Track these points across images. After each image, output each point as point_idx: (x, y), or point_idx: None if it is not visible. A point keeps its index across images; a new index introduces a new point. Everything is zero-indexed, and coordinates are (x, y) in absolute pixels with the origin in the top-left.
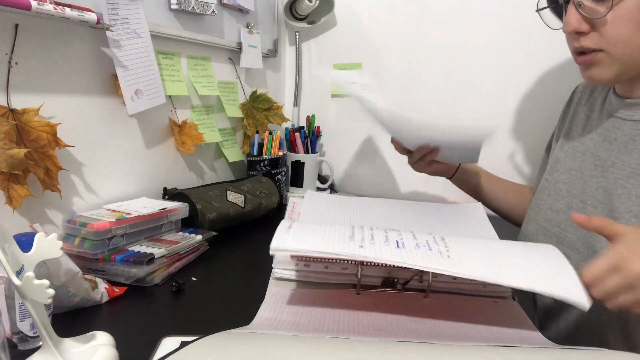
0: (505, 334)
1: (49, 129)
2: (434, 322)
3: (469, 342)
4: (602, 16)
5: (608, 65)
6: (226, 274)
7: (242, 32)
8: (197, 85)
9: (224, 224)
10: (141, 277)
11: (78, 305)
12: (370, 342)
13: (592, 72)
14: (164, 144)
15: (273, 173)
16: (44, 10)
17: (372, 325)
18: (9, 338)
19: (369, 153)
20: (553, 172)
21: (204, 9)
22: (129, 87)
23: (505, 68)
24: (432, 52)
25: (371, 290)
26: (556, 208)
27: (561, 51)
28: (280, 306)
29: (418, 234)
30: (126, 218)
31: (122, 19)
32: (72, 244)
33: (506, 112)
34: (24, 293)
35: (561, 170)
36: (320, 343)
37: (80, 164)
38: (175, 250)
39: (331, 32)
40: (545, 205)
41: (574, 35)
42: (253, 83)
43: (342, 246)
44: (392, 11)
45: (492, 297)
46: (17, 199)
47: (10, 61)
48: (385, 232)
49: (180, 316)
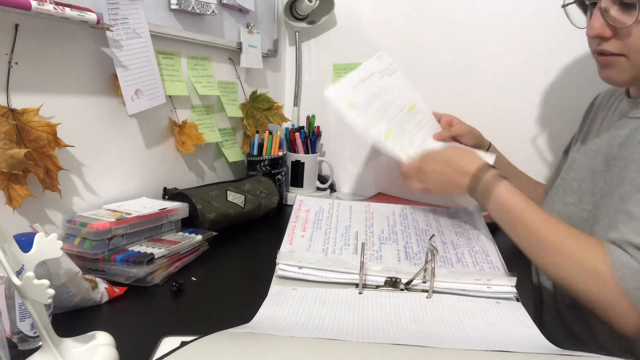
0: (508, 335)
1: (49, 129)
2: (436, 323)
3: (471, 343)
4: (627, 26)
5: (625, 69)
6: (226, 274)
7: (242, 32)
8: (197, 85)
9: (224, 224)
10: (141, 277)
11: (78, 305)
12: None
13: (609, 72)
14: (164, 144)
15: (273, 173)
16: (44, 10)
17: (373, 325)
18: (9, 338)
19: (369, 153)
20: (569, 172)
21: (204, 9)
22: (129, 87)
23: (506, 68)
24: (432, 52)
25: (374, 289)
26: (567, 202)
27: (563, 52)
28: (281, 304)
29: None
30: (126, 218)
31: (122, 19)
32: (72, 244)
33: (508, 112)
34: (24, 293)
35: (577, 169)
36: (315, 345)
37: (80, 164)
38: (175, 250)
39: (331, 32)
40: (558, 199)
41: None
42: (253, 83)
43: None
44: (392, 11)
45: (495, 298)
46: (17, 199)
47: (10, 61)
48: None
49: (180, 316)
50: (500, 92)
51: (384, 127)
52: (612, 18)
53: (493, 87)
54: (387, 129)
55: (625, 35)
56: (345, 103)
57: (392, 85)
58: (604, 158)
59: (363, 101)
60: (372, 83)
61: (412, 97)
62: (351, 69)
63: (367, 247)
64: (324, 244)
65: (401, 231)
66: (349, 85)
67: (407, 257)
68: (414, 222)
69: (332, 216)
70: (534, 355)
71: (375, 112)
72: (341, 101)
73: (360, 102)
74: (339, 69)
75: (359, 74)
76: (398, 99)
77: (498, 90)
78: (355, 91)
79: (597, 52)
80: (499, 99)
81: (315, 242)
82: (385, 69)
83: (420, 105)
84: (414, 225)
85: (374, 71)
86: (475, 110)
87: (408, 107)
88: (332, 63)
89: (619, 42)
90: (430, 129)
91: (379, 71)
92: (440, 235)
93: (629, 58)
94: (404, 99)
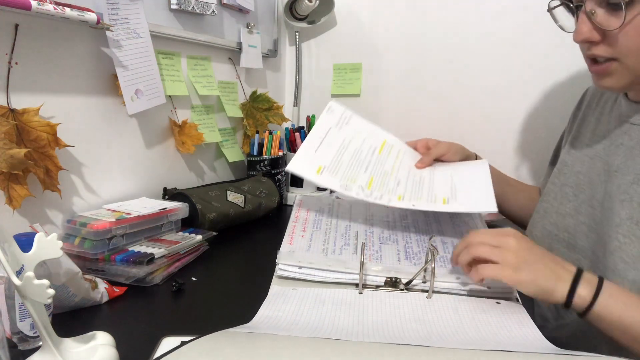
0: (508, 336)
1: (49, 129)
2: (436, 323)
3: (471, 343)
4: (615, 29)
5: (621, 74)
6: (226, 274)
7: (242, 32)
8: (197, 85)
9: (224, 224)
10: (141, 277)
11: (78, 305)
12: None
13: (606, 82)
14: (164, 144)
15: (273, 173)
16: (44, 10)
17: (373, 325)
18: (9, 338)
19: None
20: (560, 176)
21: (204, 9)
22: (129, 87)
23: (507, 68)
24: (433, 52)
25: (374, 289)
26: (563, 212)
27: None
28: (281, 304)
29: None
30: (126, 218)
31: (122, 19)
32: (72, 244)
33: (508, 111)
34: (24, 293)
35: (568, 173)
36: (315, 344)
37: (80, 164)
38: (175, 250)
39: (331, 32)
40: (551, 209)
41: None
42: (253, 83)
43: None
44: (392, 11)
45: (495, 298)
46: (17, 199)
47: (10, 61)
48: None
49: (180, 316)
50: (501, 90)
51: (364, 177)
52: (600, 20)
53: (493, 86)
54: (368, 179)
55: (614, 38)
56: (313, 170)
57: (353, 132)
58: (603, 166)
59: (331, 160)
60: (332, 139)
61: (379, 135)
62: (351, 68)
63: (367, 247)
64: (324, 244)
65: (401, 231)
66: (311, 150)
67: (407, 257)
68: (414, 222)
69: (332, 216)
70: (534, 355)
71: (347, 166)
72: (308, 170)
73: (328, 162)
74: (339, 69)
75: (316, 134)
76: (366, 144)
77: (498, 88)
78: (318, 154)
79: (588, 57)
80: (499, 97)
81: (315, 242)
82: (340, 118)
83: (390, 140)
84: (414, 225)
85: (330, 126)
86: (475, 107)
87: (379, 147)
88: (332, 63)
89: (609, 45)
90: (411, 160)
91: (335, 123)
92: (440, 235)
93: (622, 62)
94: (371, 141)
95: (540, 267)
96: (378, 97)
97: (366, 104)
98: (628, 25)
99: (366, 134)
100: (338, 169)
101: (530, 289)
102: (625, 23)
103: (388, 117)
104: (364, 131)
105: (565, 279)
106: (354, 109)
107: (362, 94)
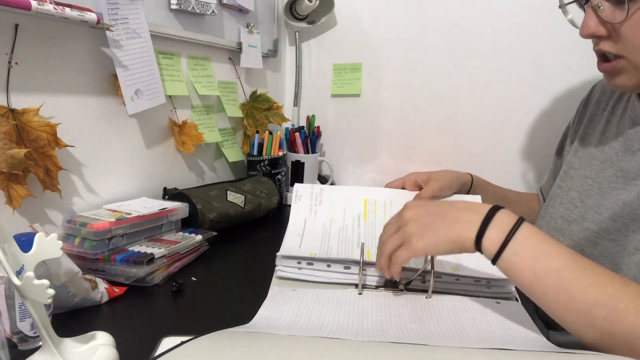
0: (507, 335)
1: (49, 129)
2: (435, 323)
3: (470, 343)
4: (618, 22)
5: (630, 72)
6: (226, 274)
7: (242, 32)
8: (197, 85)
9: (224, 224)
10: (141, 277)
11: (78, 305)
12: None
13: (617, 80)
14: (164, 144)
15: (273, 173)
16: (44, 10)
17: (373, 325)
18: (9, 338)
19: (369, 153)
20: (566, 179)
21: (204, 9)
22: (129, 87)
23: (508, 67)
24: (433, 52)
25: (373, 290)
26: (569, 218)
27: (566, 51)
28: (280, 305)
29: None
30: (126, 218)
31: (122, 19)
32: (72, 244)
33: (508, 112)
34: (24, 293)
35: (575, 177)
36: (315, 344)
37: (80, 164)
38: (175, 250)
39: (331, 32)
40: (556, 213)
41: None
42: (253, 83)
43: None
44: (392, 11)
45: (495, 297)
46: (17, 199)
47: (10, 61)
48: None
49: (180, 316)
50: (501, 90)
51: (359, 250)
52: (606, 13)
53: (493, 86)
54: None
55: (619, 33)
56: (303, 266)
57: (330, 209)
58: (615, 172)
59: (319, 249)
60: (311, 227)
61: (357, 196)
62: (351, 68)
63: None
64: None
65: None
66: (294, 247)
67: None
68: None
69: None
70: (533, 354)
71: (338, 251)
72: (298, 267)
73: (317, 251)
74: (339, 69)
75: (294, 231)
76: (347, 216)
77: (498, 88)
78: (304, 247)
79: (597, 54)
80: (499, 97)
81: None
82: (311, 201)
83: (370, 195)
84: None
85: (304, 215)
86: (476, 107)
87: (362, 213)
88: (332, 63)
89: (615, 41)
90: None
91: (309, 210)
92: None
93: (629, 60)
94: (352, 210)
95: (441, 223)
96: (378, 97)
97: (366, 104)
98: (632, 21)
99: (343, 204)
100: (331, 254)
101: (440, 248)
102: (629, 16)
103: (388, 117)
104: (340, 202)
105: (473, 223)
106: (354, 109)
107: (362, 94)
